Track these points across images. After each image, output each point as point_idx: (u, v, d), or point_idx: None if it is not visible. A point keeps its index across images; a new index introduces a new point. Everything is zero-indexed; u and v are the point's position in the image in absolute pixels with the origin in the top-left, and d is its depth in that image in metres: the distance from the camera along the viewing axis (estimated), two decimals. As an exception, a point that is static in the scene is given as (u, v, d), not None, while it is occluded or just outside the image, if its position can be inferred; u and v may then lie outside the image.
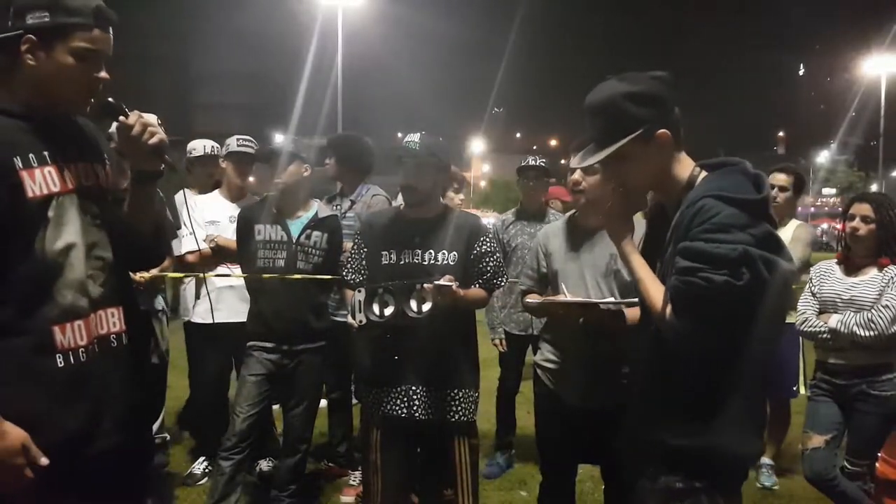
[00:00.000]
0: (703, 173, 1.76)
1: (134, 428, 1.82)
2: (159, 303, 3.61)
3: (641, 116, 1.69)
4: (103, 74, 1.72)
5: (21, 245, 1.60)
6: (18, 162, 1.60)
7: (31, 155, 1.63)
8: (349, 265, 2.86)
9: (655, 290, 1.72)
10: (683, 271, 1.60)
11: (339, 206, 3.93)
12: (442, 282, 2.45)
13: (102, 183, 1.79)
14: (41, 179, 1.63)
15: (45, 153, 1.65)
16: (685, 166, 1.77)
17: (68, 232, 1.67)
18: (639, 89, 1.70)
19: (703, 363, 1.66)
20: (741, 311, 1.60)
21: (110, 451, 1.72)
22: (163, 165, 1.81)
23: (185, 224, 3.57)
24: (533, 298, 2.72)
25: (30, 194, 1.61)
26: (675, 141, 1.74)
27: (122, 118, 1.76)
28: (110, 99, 1.77)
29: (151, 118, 1.84)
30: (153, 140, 1.75)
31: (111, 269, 1.77)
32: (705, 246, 1.58)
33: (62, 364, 1.63)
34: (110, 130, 1.76)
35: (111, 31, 1.72)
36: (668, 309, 1.64)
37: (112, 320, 1.76)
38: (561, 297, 2.53)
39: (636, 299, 1.93)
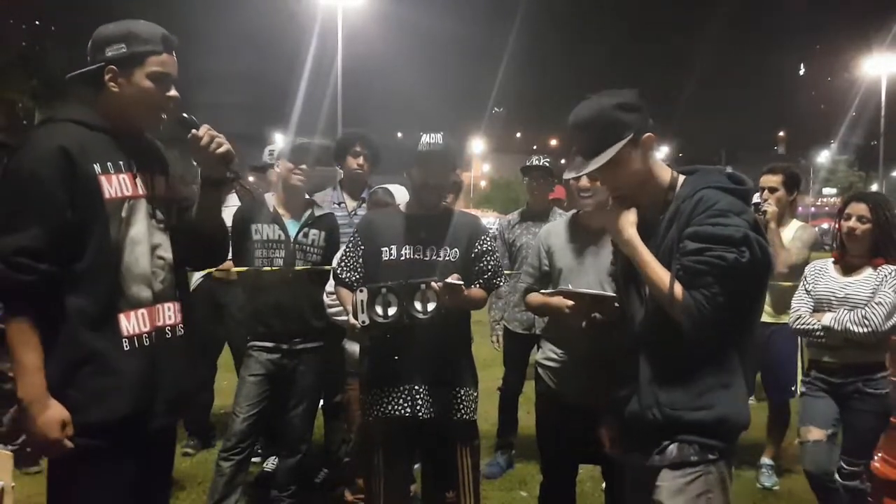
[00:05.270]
0: (682, 177, 1.94)
1: (184, 411, 2.07)
2: None
3: (630, 122, 1.86)
4: (174, 93, 1.96)
5: (96, 240, 1.83)
6: (97, 168, 1.85)
7: (108, 163, 1.88)
8: (343, 263, 2.81)
9: (664, 274, 1.82)
10: (696, 252, 1.77)
11: (343, 204, 3.89)
12: (450, 280, 2.45)
13: (168, 192, 2.05)
14: (117, 184, 1.88)
15: (121, 162, 1.91)
16: (665, 170, 1.96)
17: (137, 231, 1.92)
18: (624, 100, 1.88)
19: (713, 339, 1.81)
20: (741, 288, 1.78)
21: (162, 430, 2.00)
22: (228, 173, 2.06)
23: None
24: (535, 297, 2.73)
25: (107, 196, 1.85)
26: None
27: (193, 131, 1.99)
28: (185, 114, 2.00)
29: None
30: (220, 150, 2.00)
31: (171, 269, 2.01)
32: (713, 229, 1.76)
33: (128, 348, 1.86)
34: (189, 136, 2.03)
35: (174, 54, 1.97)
36: (678, 290, 1.77)
37: (169, 313, 1.99)
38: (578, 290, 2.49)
39: None
